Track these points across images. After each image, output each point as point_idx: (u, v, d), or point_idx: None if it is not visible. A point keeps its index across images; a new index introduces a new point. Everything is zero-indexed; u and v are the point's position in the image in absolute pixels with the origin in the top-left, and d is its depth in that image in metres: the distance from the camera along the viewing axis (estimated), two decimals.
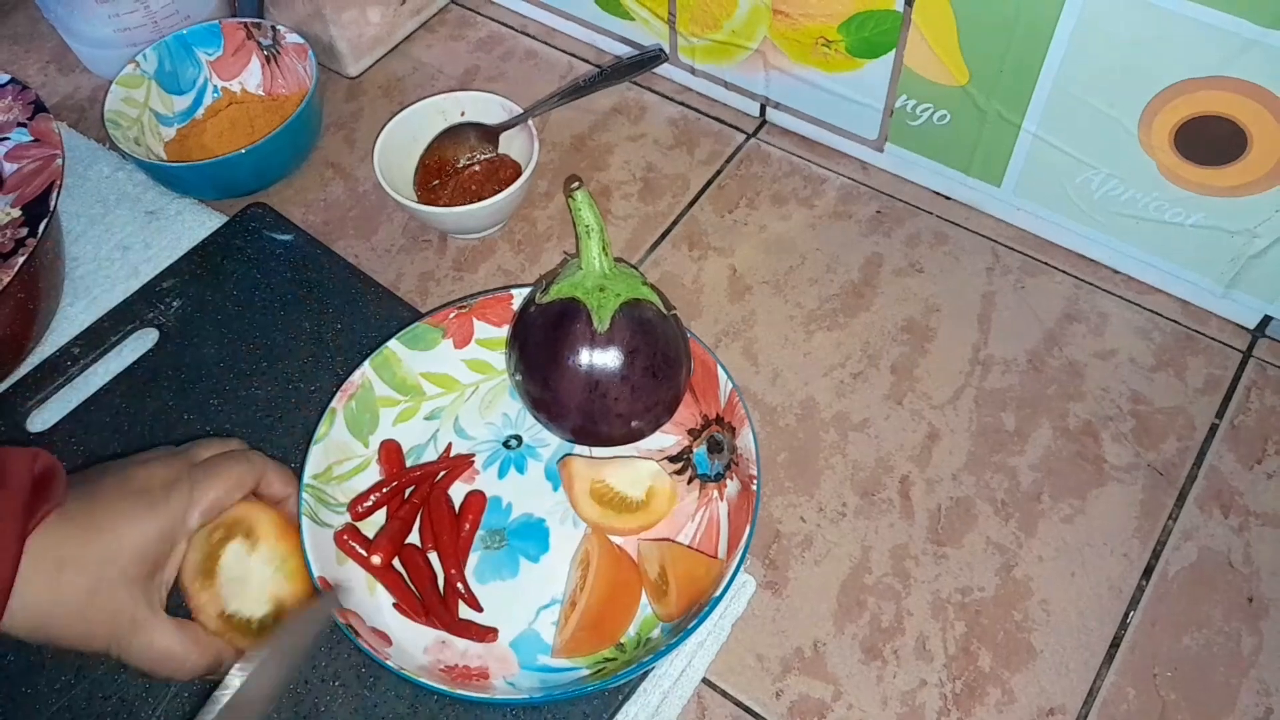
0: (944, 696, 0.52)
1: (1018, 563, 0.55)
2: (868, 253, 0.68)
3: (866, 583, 0.55)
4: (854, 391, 0.62)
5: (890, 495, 0.58)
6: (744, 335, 0.65)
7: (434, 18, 0.85)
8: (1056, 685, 0.52)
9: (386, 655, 0.49)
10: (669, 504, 0.55)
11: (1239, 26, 0.50)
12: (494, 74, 0.80)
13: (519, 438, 0.60)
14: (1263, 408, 0.60)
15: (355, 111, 0.79)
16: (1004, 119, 0.62)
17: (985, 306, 0.65)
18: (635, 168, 0.74)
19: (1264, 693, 0.51)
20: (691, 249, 0.69)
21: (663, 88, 0.78)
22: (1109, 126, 0.58)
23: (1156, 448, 0.59)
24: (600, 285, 0.53)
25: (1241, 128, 0.54)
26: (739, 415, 0.55)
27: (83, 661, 0.53)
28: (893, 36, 0.62)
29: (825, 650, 0.53)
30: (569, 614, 0.53)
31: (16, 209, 0.59)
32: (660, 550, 0.54)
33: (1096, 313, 0.64)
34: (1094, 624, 0.53)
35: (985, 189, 0.67)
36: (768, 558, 0.56)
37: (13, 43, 0.86)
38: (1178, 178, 0.58)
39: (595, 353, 0.52)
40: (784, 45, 0.68)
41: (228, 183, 0.72)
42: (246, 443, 0.57)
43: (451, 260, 0.70)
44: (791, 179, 0.72)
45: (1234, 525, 0.56)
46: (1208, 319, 0.64)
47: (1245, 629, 0.53)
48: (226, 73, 0.77)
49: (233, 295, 0.67)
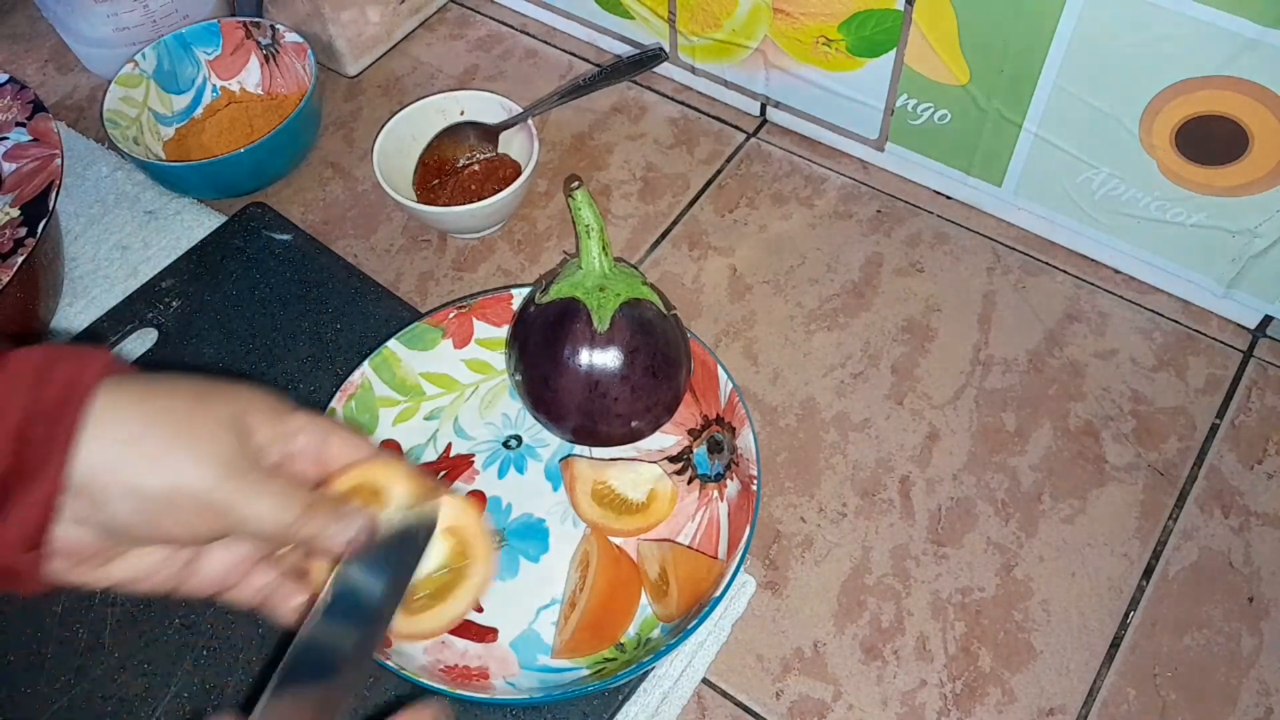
0: (944, 697, 0.52)
1: (1018, 563, 0.55)
2: (868, 252, 0.68)
3: (867, 583, 0.55)
4: (854, 391, 0.62)
5: (890, 495, 0.58)
6: (744, 335, 0.65)
7: (433, 17, 0.85)
8: (1057, 685, 0.52)
9: (386, 655, 0.49)
10: (669, 507, 0.55)
11: (1240, 26, 0.50)
12: (493, 73, 0.80)
13: (519, 438, 0.60)
14: (1263, 408, 0.60)
15: (354, 111, 0.78)
16: (1005, 118, 0.62)
17: (986, 306, 0.65)
18: (635, 167, 0.74)
19: (1264, 693, 0.51)
20: (691, 249, 0.69)
21: (663, 87, 0.78)
22: (1110, 126, 0.58)
23: (1157, 448, 0.59)
24: (600, 285, 0.53)
25: (1242, 127, 0.54)
26: (739, 415, 0.55)
27: (83, 661, 0.53)
28: (893, 35, 0.62)
29: (825, 650, 0.53)
30: (569, 614, 0.53)
31: (15, 209, 0.59)
32: (660, 551, 0.54)
33: (1097, 312, 0.64)
34: (1094, 624, 0.53)
35: (986, 188, 0.67)
36: (768, 558, 0.56)
37: (11, 42, 0.86)
38: (1178, 177, 0.58)
39: (595, 353, 0.52)
40: (784, 44, 0.68)
41: (227, 182, 0.72)
42: None
43: (451, 260, 0.70)
44: (792, 178, 0.72)
45: (1234, 525, 0.56)
46: (1208, 319, 0.64)
47: (1245, 629, 0.53)
48: (225, 72, 0.77)
49: (232, 295, 0.67)
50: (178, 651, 0.54)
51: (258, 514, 0.37)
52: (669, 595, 0.52)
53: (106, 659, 0.54)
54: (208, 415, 0.37)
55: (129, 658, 0.54)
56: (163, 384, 0.37)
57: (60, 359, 0.35)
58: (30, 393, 0.34)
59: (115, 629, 0.55)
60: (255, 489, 0.37)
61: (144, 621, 0.55)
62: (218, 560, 0.41)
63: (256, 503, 0.36)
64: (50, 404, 0.34)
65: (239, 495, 0.36)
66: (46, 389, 0.34)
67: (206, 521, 0.36)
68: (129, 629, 0.54)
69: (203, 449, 0.36)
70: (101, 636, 0.54)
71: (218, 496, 0.36)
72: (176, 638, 0.54)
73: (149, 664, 0.53)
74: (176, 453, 0.35)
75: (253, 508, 0.36)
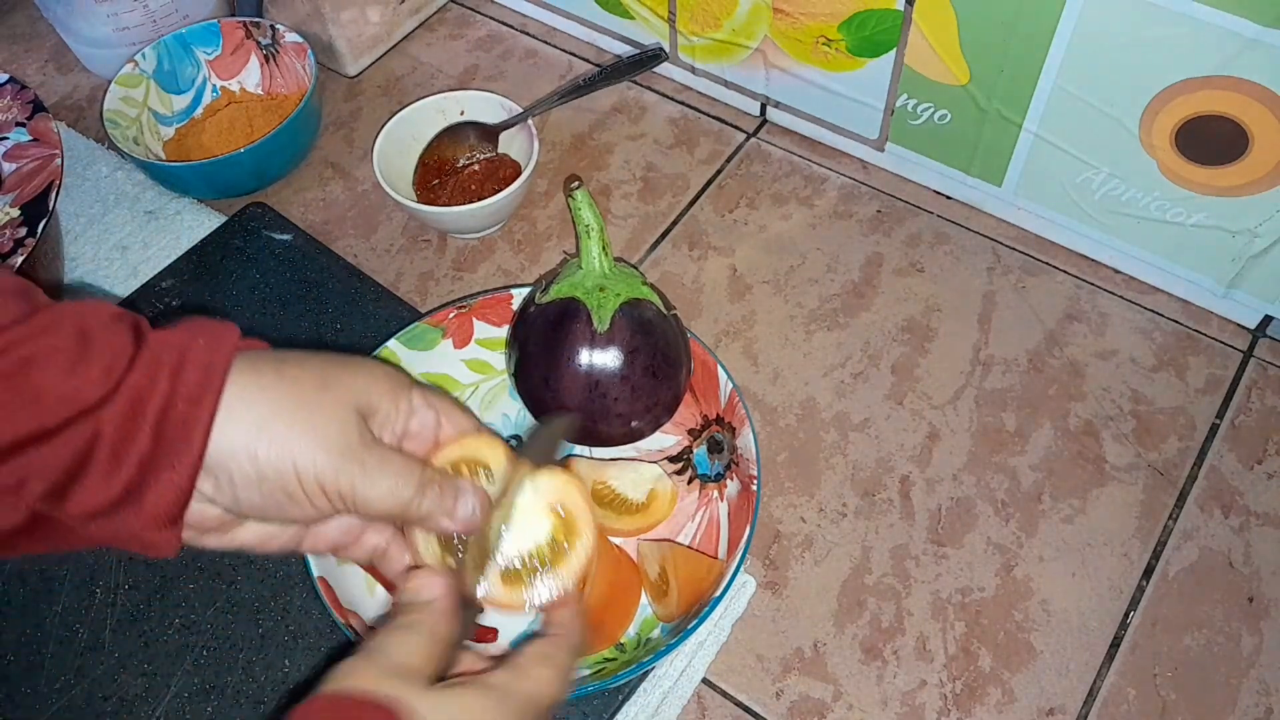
0: (944, 697, 0.52)
1: (1018, 563, 0.55)
2: (868, 252, 0.68)
3: (867, 583, 0.55)
4: (854, 391, 0.62)
5: (890, 495, 0.58)
6: (744, 335, 0.65)
7: (433, 17, 0.85)
8: (1056, 685, 0.52)
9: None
10: (669, 507, 0.55)
11: (1240, 26, 0.50)
12: (493, 73, 0.80)
13: (519, 438, 0.60)
14: (1263, 408, 0.60)
15: (354, 111, 0.78)
16: (1005, 118, 0.62)
17: (986, 306, 0.65)
18: (635, 167, 0.74)
19: (1264, 693, 0.51)
20: (691, 249, 0.69)
21: (663, 87, 0.78)
22: (1110, 126, 0.58)
23: (1157, 448, 0.59)
24: (600, 285, 0.53)
25: (1243, 127, 0.54)
26: (739, 415, 0.55)
27: (83, 661, 0.53)
28: (894, 35, 0.62)
29: (825, 650, 0.53)
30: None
31: (15, 209, 0.59)
32: (660, 551, 0.54)
33: (1097, 312, 0.64)
34: (1094, 624, 0.53)
35: (986, 188, 0.67)
36: (768, 558, 0.56)
37: (11, 42, 0.86)
38: (1179, 177, 0.58)
39: (595, 353, 0.52)
40: (785, 44, 0.68)
41: (227, 182, 0.72)
42: None
43: (451, 260, 0.70)
44: (792, 178, 0.72)
45: (1234, 525, 0.56)
46: (1208, 319, 0.64)
47: (1245, 629, 0.53)
48: (225, 72, 0.77)
49: (232, 295, 0.67)
50: (178, 651, 0.54)
51: (375, 496, 0.38)
52: (669, 595, 0.52)
53: (106, 659, 0.54)
54: (331, 400, 0.38)
55: (129, 658, 0.54)
56: (289, 366, 0.38)
57: (197, 337, 0.36)
58: (171, 380, 0.35)
59: (115, 629, 0.55)
60: (373, 472, 0.38)
61: (144, 621, 0.55)
62: (334, 526, 0.42)
63: (374, 486, 0.38)
64: (190, 388, 0.35)
65: (358, 479, 0.37)
66: (186, 373, 0.35)
67: (326, 502, 0.37)
68: (129, 629, 0.54)
69: (325, 435, 0.37)
70: (101, 636, 0.54)
71: (338, 481, 0.37)
72: (176, 638, 0.54)
73: (149, 664, 0.53)
74: (300, 439, 0.36)
75: (371, 491, 0.38)
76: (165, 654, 0.54)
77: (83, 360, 0.34)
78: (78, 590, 0.56)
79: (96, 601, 0.55)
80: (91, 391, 0.33)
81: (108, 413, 0.34)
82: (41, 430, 0.33)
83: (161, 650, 0.54)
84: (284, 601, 0.55)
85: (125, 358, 0.34)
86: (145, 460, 0.34)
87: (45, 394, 0.33)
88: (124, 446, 0.34)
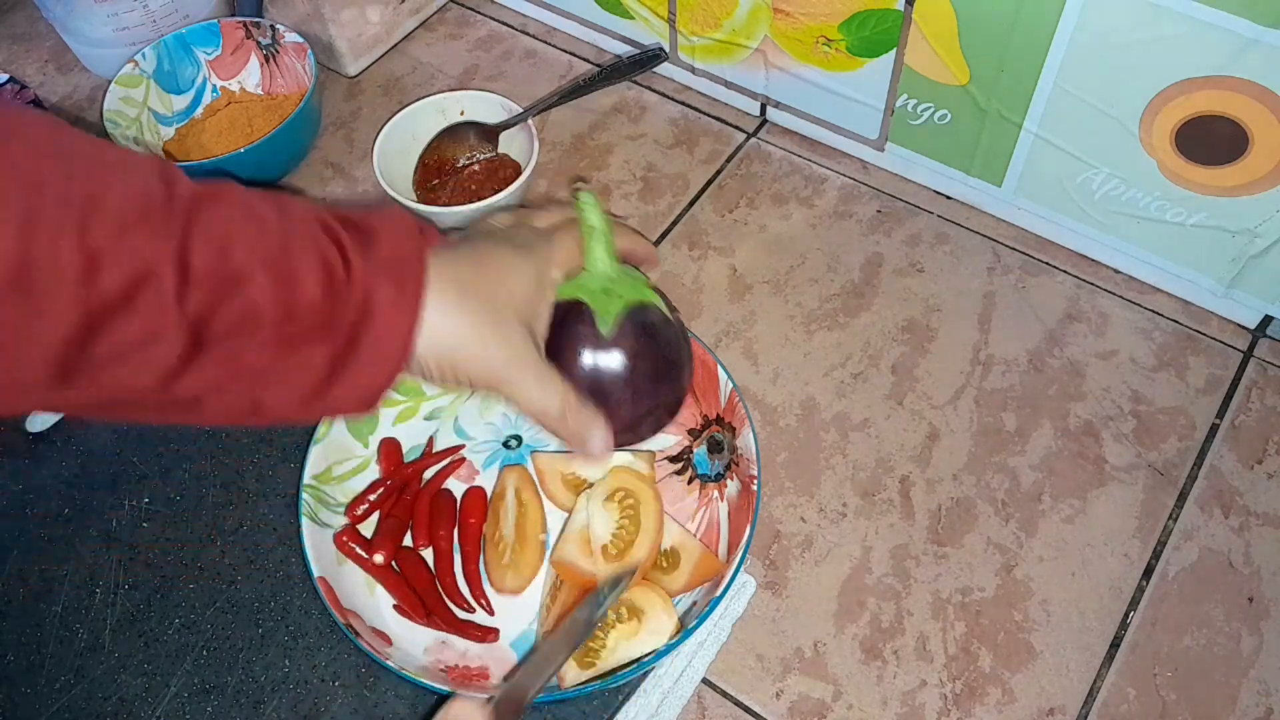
0: (944, 697, 0.52)
1: (1018, 563, 0.55)
2: (868, 252, 0.68)
3: (867, 583, 0.55)
4: (854, 391, 0.62)
5: (890, 495, 0.58)
6: (744, 335, 0.65)
7: (433, 17, 0.85)
8: (1056, 685, 0.52)
9: (386, 655, 0.49)
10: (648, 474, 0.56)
11: (1240, 26, 0.50)
12: (493, 73, 0.80)
13: (519, 438, 0.60)
14: (1263, 408, 0.60)
15: (354, 111, 0.78)
16: (1005, 118, 0.62)
17: (986, 306, 0.65)
18: (635, 167, 0.74)
19: (1264, 693, 0.51)
20: (691, 249, 0.69)
21: (663, 87, 0.78)
22: (1110, 126, 0.58)
23: (1157, 448, 0.59)
24: (605, 288, 0.53)
25: (1242, 127, 0.54)
26: (739, 415, 0.55)
27: (83, 661, 0.53)
28: (893, 35, 0.62)
29: (825, 650, 0.53)
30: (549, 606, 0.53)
31: None
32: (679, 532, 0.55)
33: (1097, 312, 0.64)
34: (1094, 624, 0.53)
35: (986, 188, 0.67)
36: (768, 558, 0.56)
37: (11, 42, 0.86)
38: (1179, 177, 0.58)
39: (599, 355, 0.52)
40: (785, 44, 0.68)
41: None
42: (249, 440, 0.57)
43: None
44: (792, 178, 0.72)
45: (1234, 525, 0.56)
46: (1208, 319, 0.64)
47: (1245, 629, 0.53)
48: (225, 72, 0.77)
49: None
50: (178, 651, 0.54)
51: (530, 399, 0.45)
52: (679, 570, 0.53)
53: (106, 659, 0.54)
54: (508, 306, 0.44)
55: (129, 658, 0.54)
56: (472, 265, 0.44)
57: (408, 239, 0.42)
58: (386, 277, 0.40)
59: (115, 629, 0.55)
60: (532, 382, 0.44)
61: (144, 621, 0.55)
62: None
63: (530, 392, 0.45)
64: (395, 285, 0.40)
65: (519, 383, 0.44)
66: (397, 269, 0.40)
67: (491, 388, 0.45)
68: (129, 629, 0.55)
69: (500, 341, 0.44)
70: (101, 636, 0.54)
71: (510, 385, 0.44)
72: (176, 638, 0.54)
73: (149, 664, 0.53)
74: (480, 341, 0.43)
75: (527, 395, 0.45)
76: (165, 654, 0.54)
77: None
78: (78, 590, 0.56)
79: (96, 601, 0.55)
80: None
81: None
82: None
83: (161, 650, 0.54)
84: (284, 601, 0.55)
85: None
86: (343, 349, 0.39)
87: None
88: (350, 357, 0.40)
